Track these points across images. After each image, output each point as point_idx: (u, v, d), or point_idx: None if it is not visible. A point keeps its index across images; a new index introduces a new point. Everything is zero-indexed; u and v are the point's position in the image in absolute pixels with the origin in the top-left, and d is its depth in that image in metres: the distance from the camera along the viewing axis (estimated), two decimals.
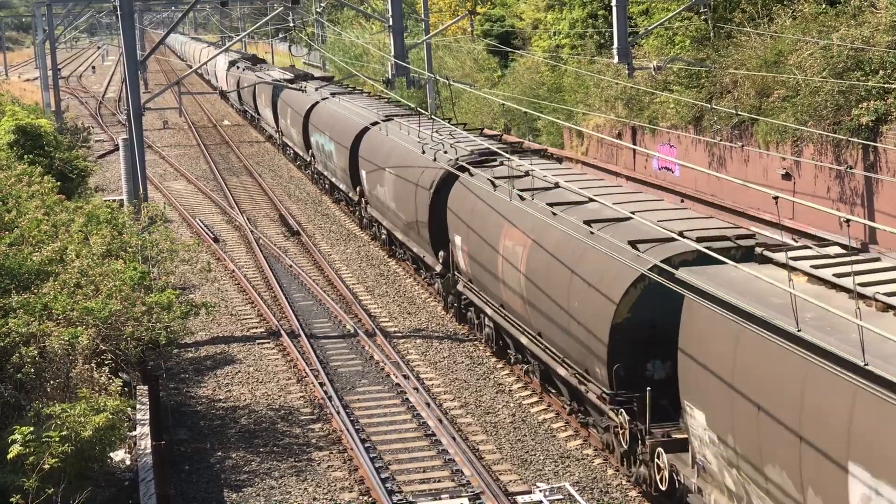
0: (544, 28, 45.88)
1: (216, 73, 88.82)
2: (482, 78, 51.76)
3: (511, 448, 20.50)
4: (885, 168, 24.18)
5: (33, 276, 19.65)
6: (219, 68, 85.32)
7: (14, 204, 23.51)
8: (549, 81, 43.37)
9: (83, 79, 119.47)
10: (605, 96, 37.14)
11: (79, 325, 18.24)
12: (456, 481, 19.09)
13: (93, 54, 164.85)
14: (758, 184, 25.22)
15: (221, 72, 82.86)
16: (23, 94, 67.40)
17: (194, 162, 57.66)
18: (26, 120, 37.06)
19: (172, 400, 23.44)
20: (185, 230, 39.95)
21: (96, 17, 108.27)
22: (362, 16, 68.02)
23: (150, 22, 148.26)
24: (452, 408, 22.61)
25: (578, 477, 19.15)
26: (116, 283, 20.13)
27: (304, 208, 44.11)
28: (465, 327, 27.32)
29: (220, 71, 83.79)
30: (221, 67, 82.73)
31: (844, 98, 25.17)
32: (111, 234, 22.75)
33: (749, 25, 30.61)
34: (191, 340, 26.84)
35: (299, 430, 21.74)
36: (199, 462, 20.40)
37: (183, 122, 74.01)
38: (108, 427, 15.75)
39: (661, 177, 33.49)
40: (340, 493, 18.92)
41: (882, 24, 25.40)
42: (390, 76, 40.83)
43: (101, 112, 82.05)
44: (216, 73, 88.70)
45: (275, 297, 31.08)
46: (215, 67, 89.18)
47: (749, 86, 29.12)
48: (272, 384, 24.42)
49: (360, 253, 36.18)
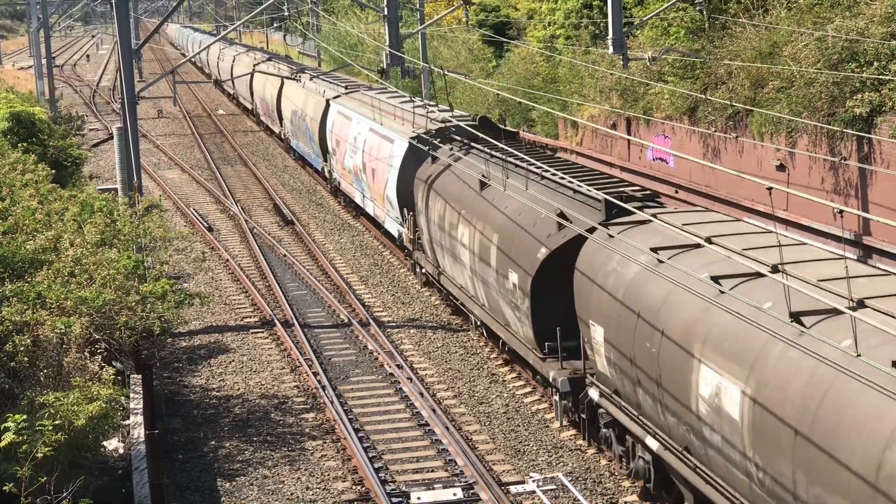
0: (539, 18, 45.82)
1: (253, 90, 65.81)
2: (477, 68, 51.69)
3: (504, 438, 20.52)
4: (879, 159, 24.19)
5: (27, 265, 19.64)
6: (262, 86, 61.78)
7: (8, 192, 23.48)
8: (544, 72, 43.33)
9: (77, 67, 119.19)
10: (600, 87, 37.10)
11: (72, 314, 18.23)
12: (449, 471, 19.11)
13: (87, 43, 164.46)
14: (752, 175, 25.23)
15: (264, 92, 60.33)
16: (17, 83, 67.23)
17: (189, 151, 57.59)
18: (20, 108, 36.99)
19: (166, 389, 23.43)
20: (179, 219, 39.90)
21: (91, 5, 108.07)
22: (357, 5, 67.88)
23: (144, 11, 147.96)
24: (446, 398, 22.63)
25: (571, 467, 19.18)
26: (110, 271, 20.13)
27: (299, 198, 44.08)
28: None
29: (266, 93, 60.10)
30: (264, 85, 60.30)
31: (839, 89, 25.16)
32: (105, 223, 22.72)
33: (744, 16, 30.59)
34: (185, 330, 26.83)
35: (293, 419, 21.75)
36: (193, 451, 20.41)
37: (178, 111, 73.89)
38: (102, 416, 15.74)
39: (656, 168, 33.48)
40: (334, 483, 18.93)
41: (877, 16, 25.38)
42: (385, 66, 40.82)
43: (95, 101, 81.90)
44: (253, 90, 65.76)
45: (269, 287, 31.07)
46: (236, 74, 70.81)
47: (744, 77, 29.10)
48: (266, 373, 24.42)
49: (355, 243, 36.17)
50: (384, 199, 33.13)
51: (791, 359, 12.58)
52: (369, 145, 34.77)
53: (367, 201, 36.20)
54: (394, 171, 31.56)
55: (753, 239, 16.05)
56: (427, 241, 28.26)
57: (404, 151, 30.91)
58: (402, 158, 30.90)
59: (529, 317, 20.66)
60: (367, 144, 35.09)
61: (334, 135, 40.52)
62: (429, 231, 27.70)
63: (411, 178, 29.69)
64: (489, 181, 23.96)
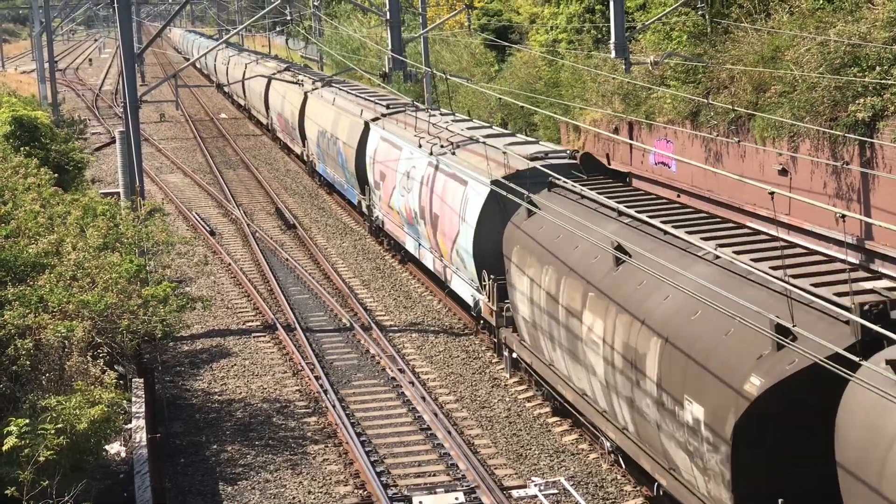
0: (541, 22, 45.84)
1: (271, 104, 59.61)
2: (479, 72, 51.70)
3: (506, 442, 20.51)
4: (881, 164, 24.18)
5: (29, 269, 19.65)
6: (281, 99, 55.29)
7: (10, 196, 23.50)
8: (547, 76, 43.33)
9: (80, 71, 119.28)
10: (602, 91, 37.10)
11: (75, 318, 18.23)
12: (451, 475, 19.10)
13: (90, 47, 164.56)
14: (754, 179, 25.23)
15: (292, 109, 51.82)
16: (19, 87, 67.30)
17: (191, 155, 57.61)
18: (23, 112, 37.01)
19: (168, 393, 23.43)
20: (181, 223, 39.91)
21: (93, 9, 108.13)
22: (359, 9, 67.95)
23: (147, 14, 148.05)
24: (448, 402, 22.62)
25: (573, 471, 19.17)
26: (113, 275, 20.13)
27: (301, 202, 44.08)
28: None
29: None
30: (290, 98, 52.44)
31: (841, 94, 25.16)
32: (107, 227, 22.73)
33: (746, 21, 30.59)
34: (187, 333, 26.83)
35: (295, 423, 21.75)
36: (195, 455, 20.40)
37: (180, 115, 73.92)
38: (104, 419, 15.74)
39: (658, 172, 33.47)
40: (335, 487, 18.93)
41: (879, 20, 25.38)
42: (387, 70, 40.85)
43: (97, 105, 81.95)
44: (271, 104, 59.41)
45: (271, 291, 31.07)
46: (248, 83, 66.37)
47: (746, 81, 29.10)
48: (268, 377, 24.42)
49: (357, 247, 36.17)
50: (452, 255, 27.02)
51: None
52: (430, 184, 28.49)
53: (423, 251, 30.06)
54: (469, 222, 25.34)
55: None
56: (523, 321, 21.91)
57: (484, 198, 24.61)
58: (482, 207, 24.70)
59: (726, 474, 14.03)
60: (426, 183, 28.85)
61: (377, 165, 34.23)
62: (528, 309, 21.36)
63: (495, 234, 23.76)
64: (628, 256, 17.21)
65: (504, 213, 23.57)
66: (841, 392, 12.11)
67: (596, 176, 23.00)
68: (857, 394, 11.84)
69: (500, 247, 23.09)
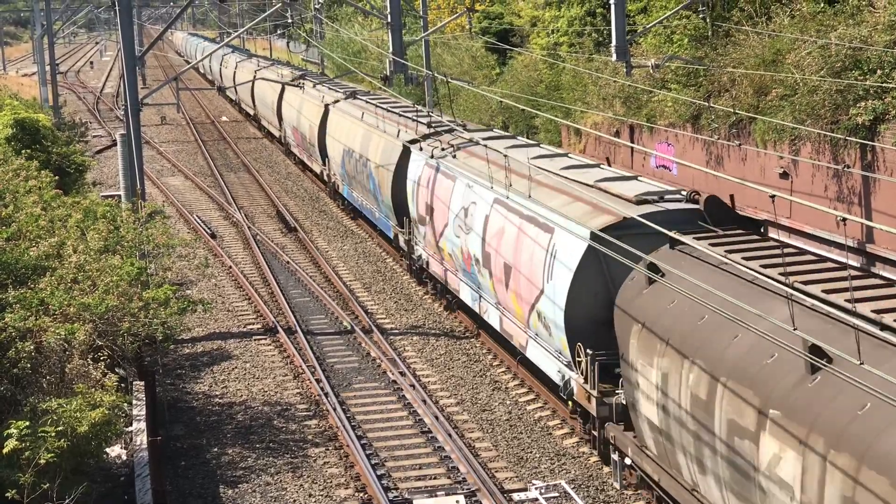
0: (542, 26, 45.86)
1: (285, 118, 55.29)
2: (480, 75, 51.72)
3: (507, 445, 20.51)
4: (882, 167, 24.18)
5: (30, 271, 19.65)
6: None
7: (11, 198, 23.51)
8: (548, 79, 43.35)
9: (81, 74, 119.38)
10: (604, 94, 37.12)
11: (75, 321, 18.24)
12: (452, 478, 19.09)
13: (91, 49, 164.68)
14: (755, 182, 25.22)
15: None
16: (21, 89, 67.33)
17: (192, 158, 57.63)
18: (24, 115, 37.03)
19: (169, 396, 23.43)
20: (182, 226, 39.92)
21: (94, 12, 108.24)
22: (361, 12, 67.99)
23: (148, 17, 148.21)
24: (449, 405, 22.61)
25: (574, 475, 19.16)
26: (113, 278, 20.14)
27: (302, 205, 44.08)
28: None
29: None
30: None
31: (842, 97, 25.16)
32: (108, 230, 22.74)
33: (747, 24, 30.60)
34: (187, 336, 26.83)
35: (295, 426, 21.74)
36: (195, 458, 20.40)
37: (181, 118, 73.96)
38: (104, 422, 15.75)
39: (659, 175, 33.47)
40: (336, 490, 18.92)
41: (880, 24, 25.39)
42: (388, 73, 40.84)
43: (98, 107, 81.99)
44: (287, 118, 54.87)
45: (272, 294, 31.06)
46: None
47: (747, 84, 29.10)
48: (269, 380, 24.41)
49: (358, 250, 36.17)
50: (530, 318, 21.58)
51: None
52: (498, 228, 23.30)
53: (485, 305, 24.86)
54: (558, 283, 19.85)
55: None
56: (647, 425, 16.49)
57: (581, 254, 19.26)
58: (578, 266, 19.26)
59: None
60: (492, 225, 23.69)
61: (421, 196, 29.18)
62: (655, 412, 15.99)
63: (594, 299, 19.16)
64: (827, 363, 12.20)
65: (606, 272, 18.90)
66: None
67: (728, 227, 17.59)
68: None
69: (598, 314, 18.73)
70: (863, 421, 11.30)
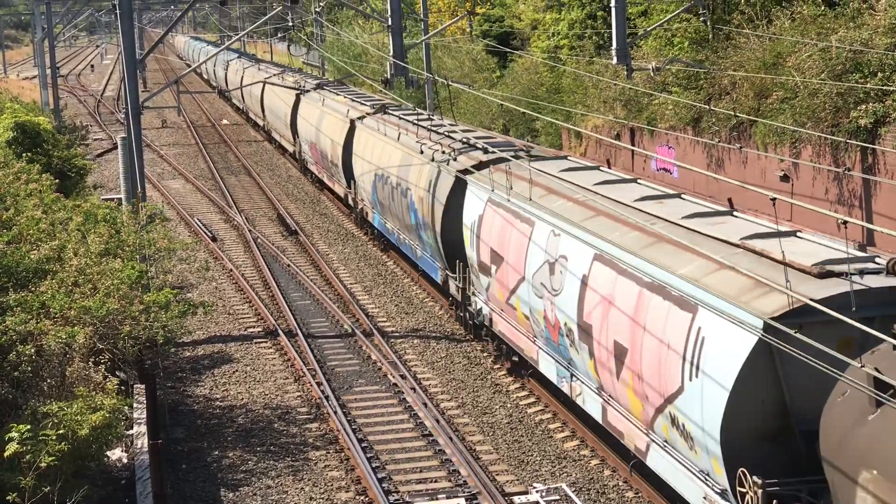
0: (543, 29, 45.87)
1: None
2: (481, 78, 51.73)
3: (508, 448, 20.50)
4: (882, 170, 24.18)
5: (31, 274, 19.65)
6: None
7: (12, 202, 23.51)
8: (548, 82, 43.36)
9: (82, 77, 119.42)
10: (604, 97, 37.14)
11: (76, 324, 18.24)
12: (453, 481, 19.09)
13: (92, 53, 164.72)
14: (756, 185, 25.22)
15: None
16: (21, 93, 67.38)
17: (193, 161, 57.64)
18: (25, 118, 37.05)
19: (169, 399, 23.43)
20: (183, 229, 39.93)
21: (95, 15, 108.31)
22: (361, 15, 67.99)
23: (149, 21, 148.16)
24: (449, 408, 22.60)
25: (575, 478, 19.15)
26: (114, 281, 20.14)
27: (303, 208, 44.09)
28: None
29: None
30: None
31: (843, 100, 25.17)
32: (109, 233, 22.74)
33: (748, 27, 30.61)
34: (188, 339, 26.84)
35: (296, 429, 21.73)
36: (196, 461, 20.39)
37: (182, 122, 73.98)
38: (105, 425, 15.75)
39: (660, 178, 33.47)
40: (337, 493, 18.92)
41: (881, 27, 25.40)
42: (389, 76, 40.83)
43: (99, 111, 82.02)
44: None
45: (272, 297, 31.06)
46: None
47: (748, 87, 29.12)
48: (269, 383, 24.41)
49: (358, 252, 36.16)
50: (656, 421, 16.51)
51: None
52: (604, 295, 17.92)
53: (580, 388, 19.65)
54: (709, 385, 14.69)
55: None
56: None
57: (748, 351, 14.05)
58: (744, 365, 14.05)
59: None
60: (594, 290, 18.34)
61: (484, 239, 23.73)
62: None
63: (764, 407, 14.28)
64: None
65: (780, 370, 14.08)
66: None
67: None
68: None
69: (767, 427, 14.32)
70: None
